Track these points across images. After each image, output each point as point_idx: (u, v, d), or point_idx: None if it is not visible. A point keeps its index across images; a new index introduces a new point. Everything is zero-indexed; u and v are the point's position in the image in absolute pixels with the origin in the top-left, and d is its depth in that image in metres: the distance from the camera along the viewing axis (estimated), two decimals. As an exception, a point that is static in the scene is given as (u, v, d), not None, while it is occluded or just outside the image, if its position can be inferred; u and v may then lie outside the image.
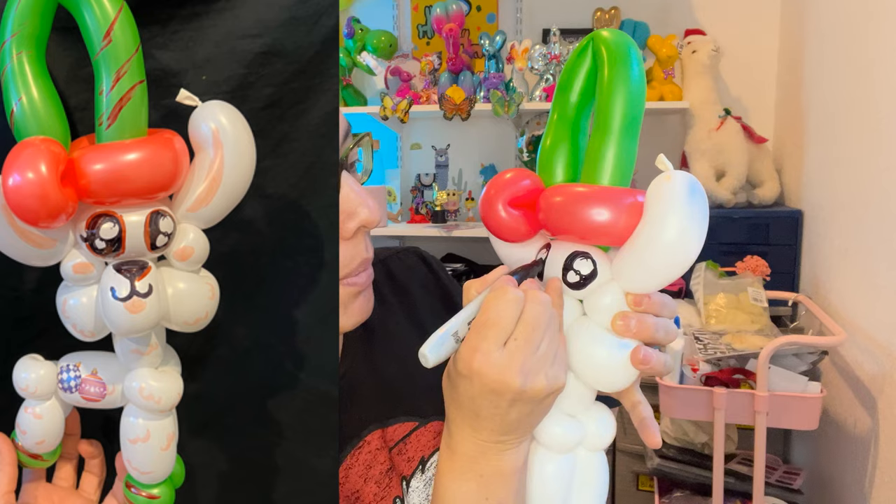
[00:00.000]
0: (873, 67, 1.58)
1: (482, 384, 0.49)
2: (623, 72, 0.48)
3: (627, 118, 0.48)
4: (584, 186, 0.49)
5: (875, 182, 1.55)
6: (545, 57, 2.23)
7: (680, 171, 0.47)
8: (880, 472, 1.51)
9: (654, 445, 0.55)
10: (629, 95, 0.48)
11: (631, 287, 0.49)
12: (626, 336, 0.49)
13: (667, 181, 0.46)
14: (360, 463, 0.63)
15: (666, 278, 0.48)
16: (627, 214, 0.47)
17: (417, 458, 0.66)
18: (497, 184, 0.52)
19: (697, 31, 2.29)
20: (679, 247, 0.46)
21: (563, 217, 0.48)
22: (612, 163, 0.49)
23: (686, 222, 0.45)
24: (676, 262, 0.47)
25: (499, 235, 0.53)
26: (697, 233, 0.46)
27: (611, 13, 2.27)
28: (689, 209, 0.46)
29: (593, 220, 0.47)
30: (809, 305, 1.81)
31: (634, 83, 0.48)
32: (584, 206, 0.47)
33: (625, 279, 0.49)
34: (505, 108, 2.21)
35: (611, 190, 0.48)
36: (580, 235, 0.49)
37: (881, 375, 1.51)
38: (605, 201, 0.47)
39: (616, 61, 0.49)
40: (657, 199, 0.46)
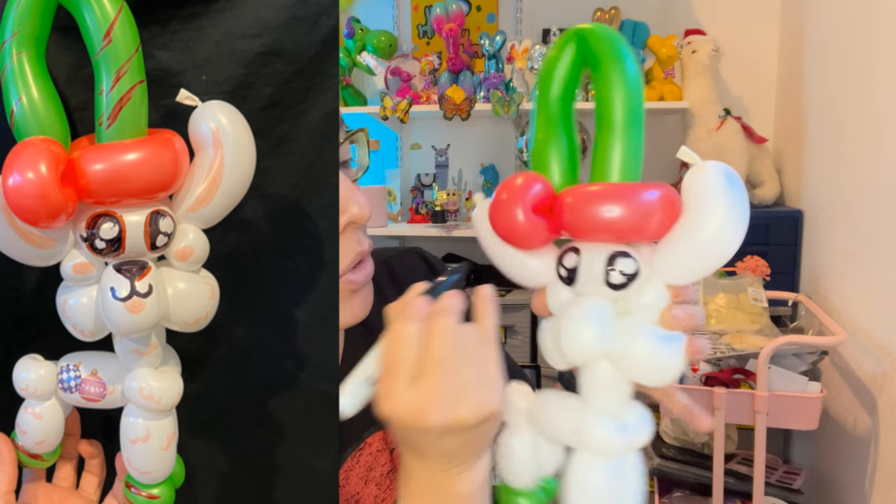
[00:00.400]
0: (874, 67, 1.58)
1: (403, 425, 0.48)
2: (621, 66, 0.48)
3: (629, 111, 0.48)
4: (611, 185, 0.47)
5: (875, 182, 1.55)
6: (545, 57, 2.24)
7: (713, 161, 0.47)
8: (880, 472, 1.51)
9: (707, 429, 0.53)
10: (627, 87, 0.48)
11: (673, 280, 0.48)
12: (677, 329, 0.48)
13: (703, 171, 0.46)
14: (361, 465, 0.63)
15: (709, 269, 0.47)
16: (663, 208, 0.46)
17: None
18: (512, 189, 0.49)
19: (697, 31, 2.29)
20: (724, 236, 0.45)
21: (595, 217, 0.46)
22: (621, 159, 0.48)
23: (729, 211, 0.45)
24: (721, 253, 0.46)
25: (516, 242, 0.50)
26: (740, 220, 0.46)
27: (611, 13, 2.27)
28: (730, 198, 0.45)
29: (627, 218, 0.46)
30: (809, 305, 1.81)
31: (630, 73, 0.48)
32: (616, 204, 0.46)
33: (668, 273, 0.48)
34: (505, 108, 2.21)
35: (639, 186, 0.47)
36: (615, 235, 0.47)
37: (881, 375, 1.51)
38: (637, 199, 0.46)
39: (613, 57, 0.48)
40: (696, 191, 0.46)
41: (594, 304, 0.48)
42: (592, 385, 0.50)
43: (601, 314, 0.48)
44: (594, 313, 0.48)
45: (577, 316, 0.48)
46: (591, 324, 0.48)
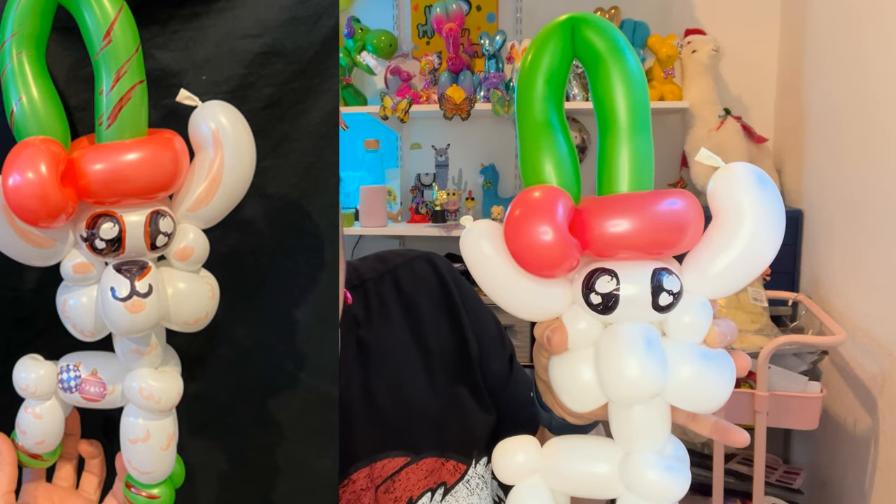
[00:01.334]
0: (873, 67, 1.58)
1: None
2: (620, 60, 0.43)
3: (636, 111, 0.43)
4: (638, 195, 0.42)
5: (875, 182, 1.55)
6: (545, 57, 2.23)
7: (740, 163, 0.43)
8: (880, 472, 1.51)
9: (744, 443, 0.47)
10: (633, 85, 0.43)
11: (710, 294, 0.43)
12: (724, 345, 0.43)
13: (730, 173, 0.42)
14: (344, 502, 0.62)
15: (747, 279, 0.43)
16: (696, 219, 0.42)
17: (405, 499, 0.63)
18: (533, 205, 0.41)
19: (697, 31, 2.29)
20: (760, 242, 0.41)
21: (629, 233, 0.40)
22: (630, 163, 0.43)
23: (763, 215, 0.41)
24: (759, 260, 0.42)
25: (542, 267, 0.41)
26: (777, 223, 0.41)
27: (611, 13, 2.27)
28: (763, 200, 0.41)
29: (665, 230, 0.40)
30: (809, 305, 1.81)
31: (635, 70, 0.43)
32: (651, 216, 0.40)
33: (703, 288, 0.42)
34: (505, 107, 2.21)
35: (666, 194, 0.42)
36: (648, 251, 0.41)
37: (881, 375, 1.51)
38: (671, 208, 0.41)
39: (611, 51, 0.43)
40: (727, 196, 0.41)
41: (645, 332, 0.41)
42: (635, 425, 0.44)
43: (657, 344, 0.41)
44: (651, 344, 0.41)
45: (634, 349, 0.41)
46: (652, 356, 0.41)
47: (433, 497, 0.65)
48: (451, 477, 0.66)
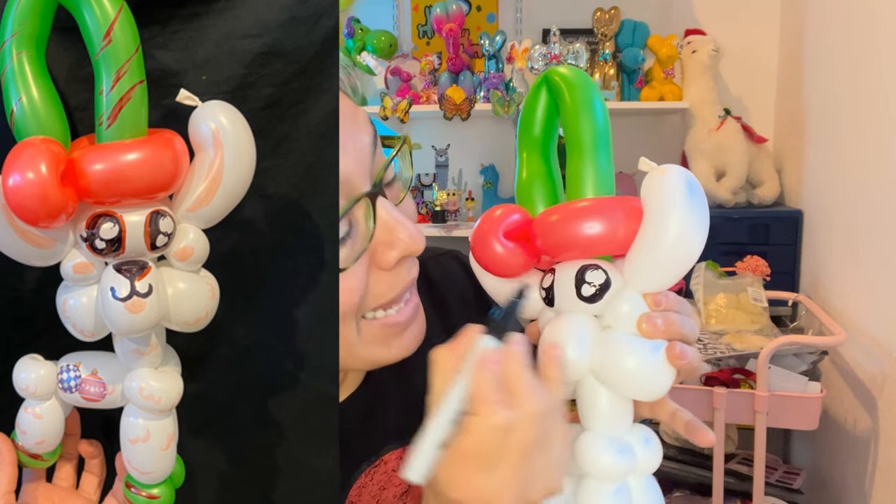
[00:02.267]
0: (874, 67, 1.58)
1: None
2: (584, 95, 0.50)
3: (597, 135, 0.50)
4: (576, 202, 0.49)
5: (875, 182, 1.55)
6: (545, 57, 2.23)
7: (671, 165, 0.47)
8: (880, 472, 1.51)
9: (709, 443, 0.52)
10: (594, 114, 0.50)
11: (646, 288, 0.48)
12: (655, 337, 0.47)
13: (661, 176, 0.46)
14: (375, 483, 0.62)
15: (678, 273, 0.48)
16: (626, 219, 0.47)
17: None
18: (489, 219, 0.51)
19: (697, 31, 2.29)
20: (685, 241, 0.46)
21: (563, 235, 0.48)
22: (593, 179, 0.49)
23: (688, 216, 0.45)
24: (686, 255, 0.46)
25: (495, 271, 0.52)
26: (701, 222, 0.46)
27: (611, 13, 2.27)
28: (689, 203, 0.45)
29: (591, 232, 0.47)
30: (809, 305, 1.80)
31: (597, 103, 0.50)
32: (581, 219, 0.47)
33: (638, 282, 0.48)
34: (505, 108, 2.21)
35: (603, 200, 0.48)
36: (583, 250, 0.48)
37: (881, 375, 1.51)
38: (601, 211, 0.47)
39: (575, 88, 0.50)
40: (656, 196, 0.46)
41: (571, 318, 0.49)
42: (587, 407, 0.50)
43: (578, 328, 0.48)
44: (570, 327, 0.48)
45: (554, 332, 0.49)
46: (568, 338, 0.48)
47: None
48: None
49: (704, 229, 0.46)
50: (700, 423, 0.52)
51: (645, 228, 0.47)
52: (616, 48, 2.28)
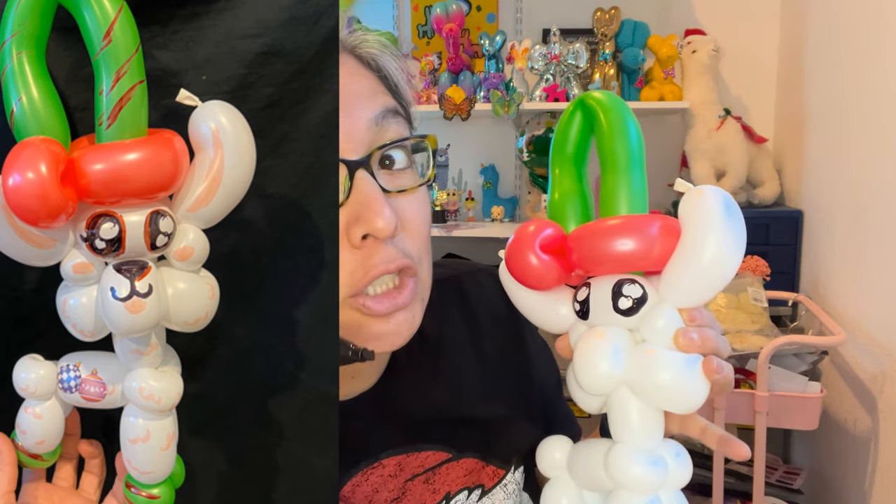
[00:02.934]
0: (874, 67, 1.58)
1: None
2: (619, 117, 0.51)
3: (632, 155, 0.51)
4: (613, 218, 0.50)
5: (875, 182, 1.55)
6: (545, 57, 2.23)
7: (709, 186, 0.49)
8: (880, 472, 1.51)
9: (745, 456, 0.53)
10: (629, 136, 0.51)
11: (681, 304, 0.49)
12: (692, 351, 0.48)
13: (699, 196, 0.48)
14: (369, 484, 0.62)
15: (714, 290, 0.49)
16: (662, 237, 0.48)
17: (443, 493, 0.64)
18: (524, 233, 0.52)
19: (697, 31, 2.29)
20: (722, 260, 0.47)
21: (600, 250, 0.49)
22: (627, 197, 0.50)
23: (725, 236, 0.47)
24: (722, 273, 0.48)
25: (529, 283, 0.52)
26: (738, 241, 0.48)
27: (611, 13, 2.27)
28: (727, 223, 0.47)
29: (628, 248, 0.48)
30: (809, 305, 1.81)
31: (631, 126, 0.51)
32: (618, 235, 0.48)
33: (674, 297, 0.49)
34: (505, 108, 2.21)
35: (640, 217, 0.49)
36: (618, 265, 0.49)
37: (881, 375, 1.51)
38: (637, 229, 0.48)
39: (610, 111, 0.52)
40: (694, 216, 0.48)
41: (607, 330, 0.49)
42: (619, 419, 0.50)
43: (613, 339, 0.49)
44: (606, 339, 0.49)
45: (589, 343, 0.49)
46: (603, 349, 0.48)
47: (469, 496, 0.66)
48: (489, 480, 0.67)
49: (741, 247, 0.48)
50: (733, 437, 0.53)
51: (683, 246, 0.48)
52: (616, 48, 2.28)
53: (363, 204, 0.52)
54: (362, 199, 0.52)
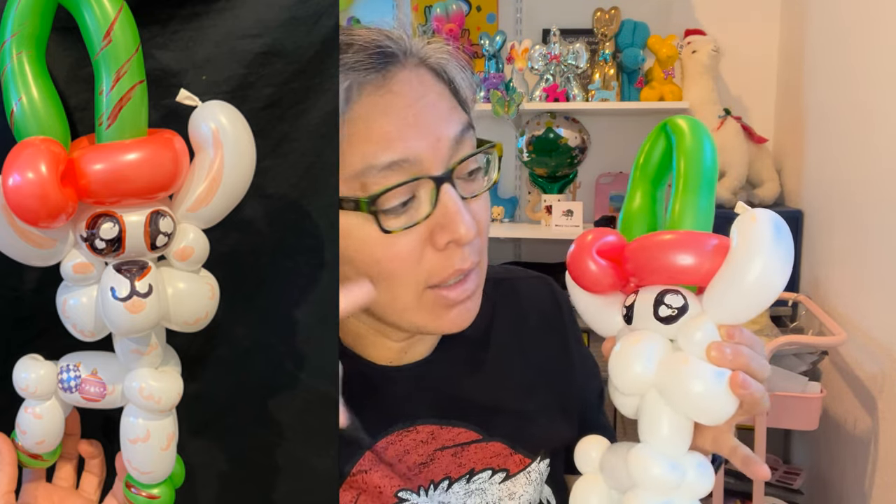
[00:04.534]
0: (873, 67, 1.58)
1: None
2: (699, 142, 0.54)
3: (705, 179, 0.54)
4: (669, 233, 0.53)
5: (875, 182, 1.55)
6: (545, 57, 2.23)
7: (763, 210, 0.50)
8: (880, 473, 1.51)
9: (765, 477, 0.55)
10: (705, 160, 0.54)
11: (722, 320, 0.51)
12: (722, 365, 0.50)
13: (752, 221, 0.50)
14: (401, 445, 0.65)
15: (756, 310, 0.51)
16: (712, 255, 0.50)
17: (468, 468, 0.68)
18: (584, 239, 0.55)
19: (697, 31, 2.29)
20: (767, 282, 0.49)
21: (652, 261, 0.52)
22: (693, 216, 0.53)
23: (772, 259, 0.49)
24: (766, 295, 0.50)
25: (585, 285, 0.56)
26: (783, 268, 0.49)
27: (611, 13, 2.27)
28: (775, 247, 0.49)
29: (679, 261, 0.51)
30: (809, 305, 1.81)
31: (708, 151, 0.54)
32: (670, 250, 0.51)
33: (715, 313, 0.51)
34: (505, 108, 2.21)
35: (694, 234, 0.52)
36: (669, 277, 0.52)
37: (881, 375, 1.51)
38: (691, 245, 0.51)
39: (693, 134, 0.55)
40: (744, 238, 0.50)
41: (645, 334, 0.52)
42: (648, 422, 0.52)
43: (649, 344, 0.51)
44: (643, 342, 0.51)
45: (627, 345, 0.52)
46: (638, 352, 0.51)
47: (493, 476, 0.69)
48: (515, 467, 0.70)
49: (787, 271, 0.50)
50: (757, 458, 0.55)
51: (729, 264, 0.50)
52: (616, 48, 2.29)
53: (448, 216, 0.58)
54: (447, 210, 0.58)
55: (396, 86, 0.58)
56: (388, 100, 0.57)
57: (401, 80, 0.59)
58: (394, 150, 0.56)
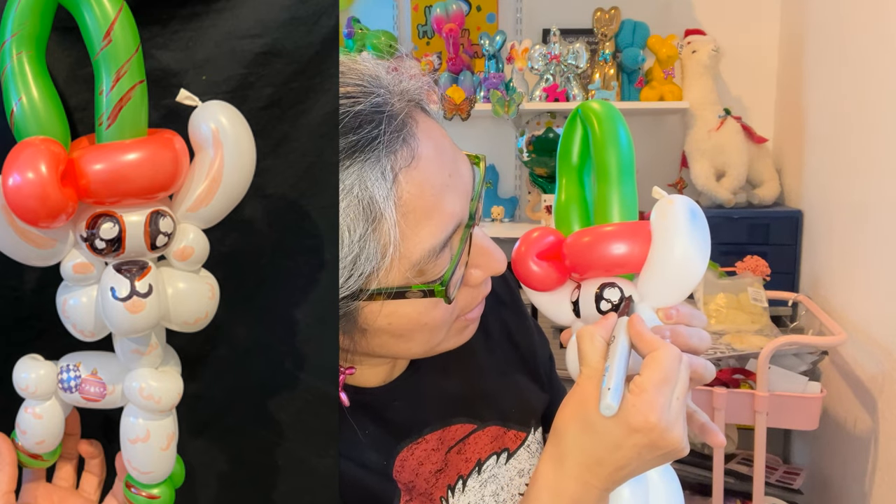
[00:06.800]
0: (873, 67, 1.58)
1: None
2: (611, 129, 0.56)
3: (622, 165, 0.56)
4: (598, 227, 0.56)
5: (875, 182, 1.55)
6: (545, 57, 2.23)
7: (677, 195, 0.54)
8: (880, 472, 1.51)
9: (720, 445, 0.59)
10: (620, 147, 0.56)
11: (657, 303, 0.55)
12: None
13: (668, 205, 0.53)
14: (415, 458, 0.66)
15: (684, 291, 0.55)
16: (640, 243, 0.54)
17: (474, 460, 0.69)
18: (527, 241, 0.59)
19: (697, 31, 2.29)
20: (688, 264, 0.53)
21: (586, 256, 0.55)
22: (618, 204, 0.56)
23: (690, 242, 0.52)
24: (690, 274, 0.53)
25: (532, 286, 0.60)
26: (703, 245, 0.53)
27: (611, 13, 2.27)
28: (692, 230, 0.52)
29: (609, 255, 0.54)
30: (809, 305, 1.81)
31: (622, 136, 0.56)
32: (598, 246, 0.54)
33: (650, 298, 0.55)
34: (505, 108, 2.21)
35: (619, 226, 0.55)
36: (604, 271, 0.55)
37: (881, 375, 1.51)
38: (617, 237, 0.54)
39: (604, 122, 0.57)
40: (662, 223, 0.53)
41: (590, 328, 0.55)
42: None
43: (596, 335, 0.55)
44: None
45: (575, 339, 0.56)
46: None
47: (498, 460, 0.71)
48: (512, 443, 0.73)
49: (706, 251, 0.54)
50: (714, 426, 0.59)
51: (653, 251, 0.53)
52: (616, 48, 2.28)
53: (484, 255, 0.59)
54: (482, 251, 0.59)
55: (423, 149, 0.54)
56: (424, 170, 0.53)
57: (420, 139, 0.54)
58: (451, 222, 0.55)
